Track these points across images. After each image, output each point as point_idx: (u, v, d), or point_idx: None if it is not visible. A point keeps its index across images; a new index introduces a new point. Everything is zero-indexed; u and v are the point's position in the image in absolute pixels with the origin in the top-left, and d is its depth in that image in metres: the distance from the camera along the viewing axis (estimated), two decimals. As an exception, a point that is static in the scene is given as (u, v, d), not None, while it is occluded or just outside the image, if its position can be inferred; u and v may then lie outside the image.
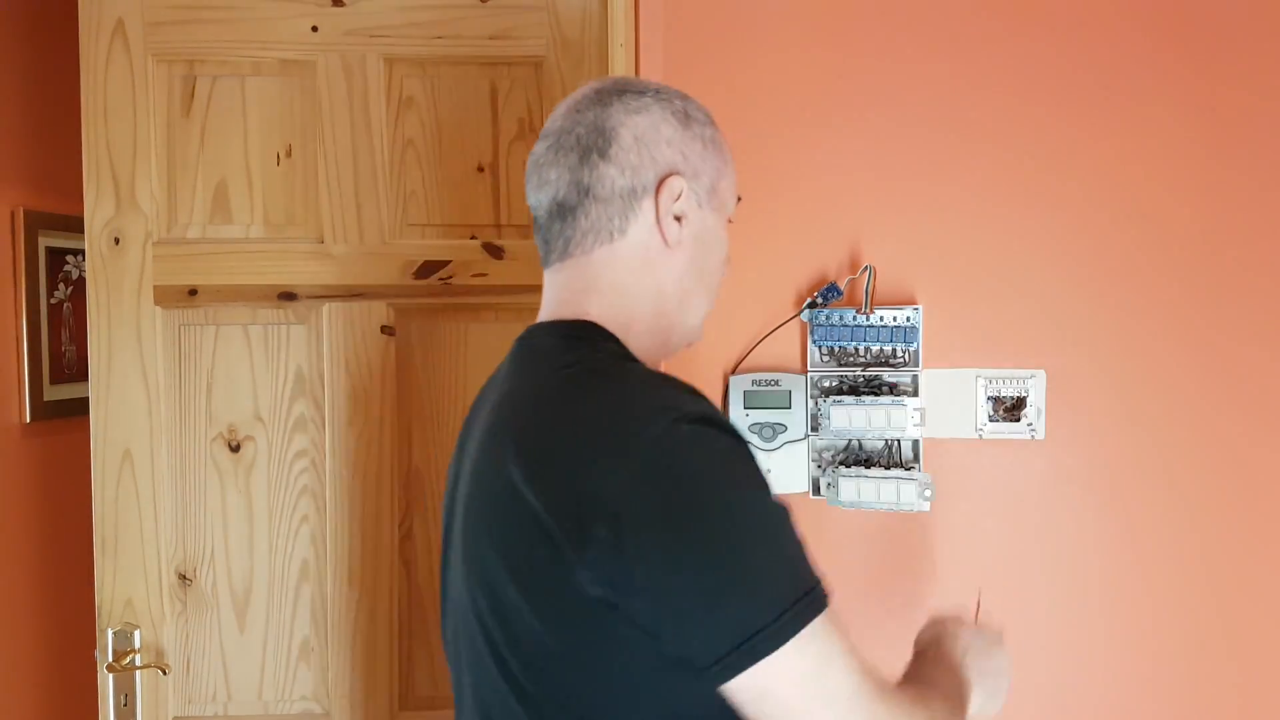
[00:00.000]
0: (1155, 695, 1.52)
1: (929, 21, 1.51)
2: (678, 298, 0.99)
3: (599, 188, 0.95)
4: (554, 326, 0.97)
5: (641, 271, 0.96)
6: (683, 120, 0.98)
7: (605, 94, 0.97)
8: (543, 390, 0.89)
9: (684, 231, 0.96)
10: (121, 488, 1.54)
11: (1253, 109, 1.47)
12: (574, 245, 0.96)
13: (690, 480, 0.81)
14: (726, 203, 1.02)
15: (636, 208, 0.95)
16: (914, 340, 1.49)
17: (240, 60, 1.54)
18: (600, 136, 0.95)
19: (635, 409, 0.83)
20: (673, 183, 0.95)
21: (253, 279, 1.55)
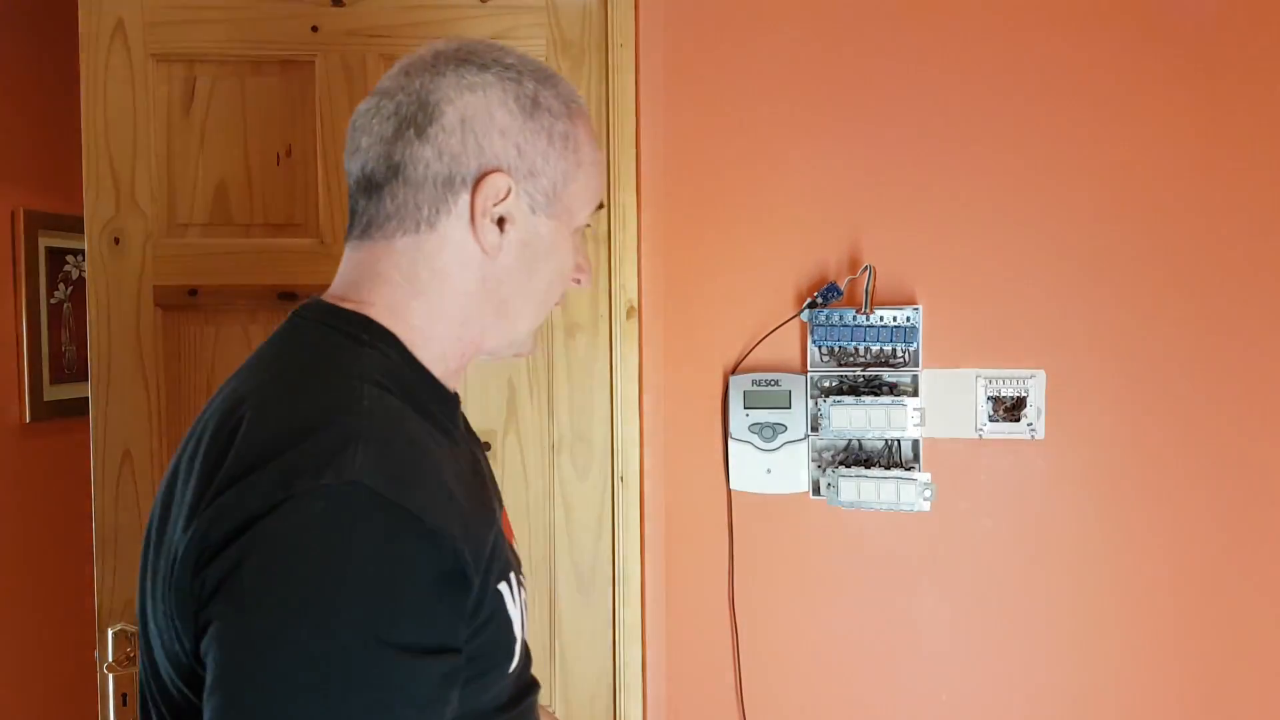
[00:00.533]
0: (1155, 694, 1.52)
1: (929, 22, 1.51)
2: (493, 307, 0.86)
3: (411, 169, 0.82)
4: (328, 311, 0.84)
5: (448, 272, 0.84)
6: (528, 108, 0.83)
7: (443, 60, 0.84)
8: (272, 387, 0.78)
9: (507, 237, 0.84)
10: (121, 488, 1.54)
11: (1253, 109, 1.47)
12: (375, 227, 0.84)
13: (285, 570, 0.66)
14: (575, 210, 0.88)
15: (451, 200, 0.82)
16: (914, 340, 1.49)
17: (240, 60, 1.54)
18: (421, 110, 0.82)
19: (315, 453, 0.69)
20: (494, 180, 0.82)
21: (252, 279, 1.54)
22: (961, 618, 1.54)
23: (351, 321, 0.83)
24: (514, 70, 0.84)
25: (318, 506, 0.67)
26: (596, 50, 1.54)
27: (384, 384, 0.79)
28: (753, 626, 1.56)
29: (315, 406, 0.75)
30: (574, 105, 0.88)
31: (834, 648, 1.56)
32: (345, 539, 0.67)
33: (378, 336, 0.83)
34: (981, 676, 1.55)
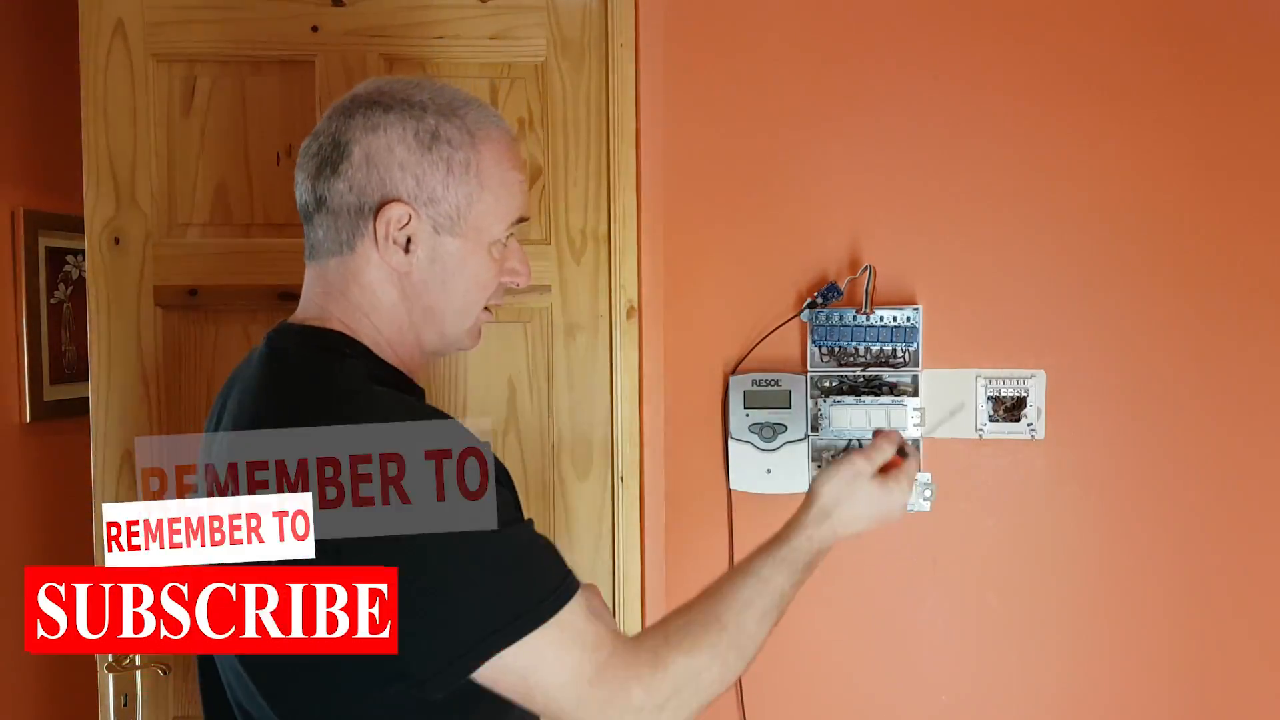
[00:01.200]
0: (1156, 694, 1.52)
1: (929, 22, 1.51)
2: (420, 314, 0.99)
3: (330, 200, 0.96)
4: (302, 332, 0.98)
5: (373, 287, 0.97)
6: (425, 143, 0.95)
7: (355, 104, 0.96)
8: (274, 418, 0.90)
9: (414, 255, 0.96)
10: (121, 488, 1.54)
11: (1252, 110, 1.47)
12: (316, 251, 0.99)
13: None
14: (485, 227, 0.98)
15: (363, 225, 0.95)
16: (914, 340, 1.48)
17: (240, 60, 1.54)
18: (336, 150, 0.95)
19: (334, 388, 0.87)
20: (393, 210, 0.94)
21: (253, 279, 1.54)
22: (961, 617, 1.54)
23: (327, 337, 0.96)
24: (418, 108, 0.95)
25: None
26: (596, 50, 1.54)
27: (375, 383, 0.94)
28: (753, 627, 1.56)
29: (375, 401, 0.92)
30: (481, 132, 0.97)
31: (834, 648, 1.56)
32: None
33: (352, 348, 0.96)
34: (981, 676, 1.55)
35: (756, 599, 0.97)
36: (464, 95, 0.99)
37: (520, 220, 1.02)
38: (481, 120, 0.98)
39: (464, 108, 0.98)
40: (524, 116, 1.56)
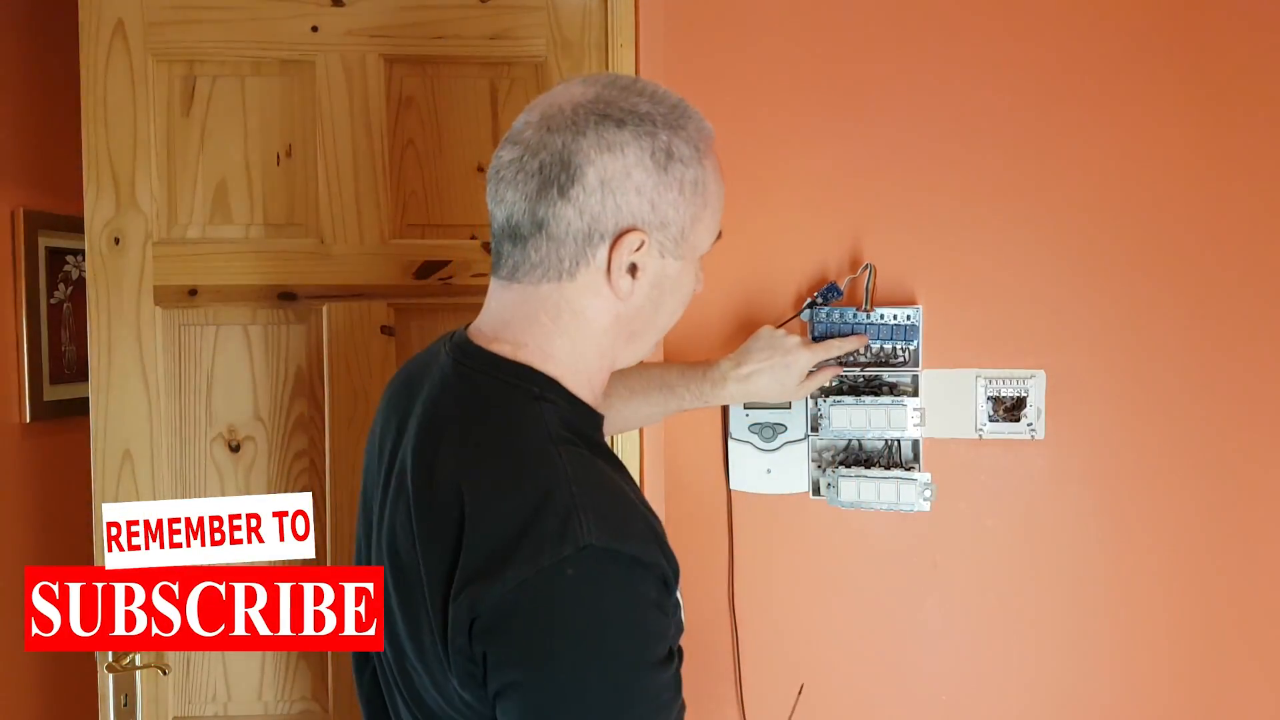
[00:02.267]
0: (1155, 693, 1.52)
1: (930, 21, 1.51)
2: (625, 338, 0.96)
3: (554, 225, 0.88)
4: (497, 366, 0.92)
5: (587, 315, 0.92)
6: (661, 163, 0.89)
7: (582, 116, 0.88)
8: (464, 469, 0.86)
9: (639, 282, 0.91)
10: (121, 488, 1.54)
11: (1252, 110, 1.47)
12: (522, 273, 0.92)
13: (543, 628, 0.80)
14: (699, 245, 0.95)
15: (590, 254, 0.89)
16: (914, 340, 1.48)
17: (240, 60, 1.54)
18: (564, 171, 0.87)
19: (539, 533, 0.80)
20: (631, 239, 0.89)
21: (253, 279, 1.54)
22: (961, 618, 1.54)
23: (520, 375, 0.91)
24: (649, 122, 0.89)
25: (568, 573, 0.79)
26: (596, 50, 1.54)
27: (565, 436, 0.89)
28: (753, 626, 1.56)
29: (531, 489, 0.83)
30: (703, 144, 0.93)
31: (834, 648, 1.56)
32: (597, 593, 0.81)
33: (544, 387, 0.91)
34: (981, 676, 1.55)
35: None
36: (676, 99, 0.93)
37: (720, 236, 0.99)
38: (701, 130, 0.93)
39: (684, 118, 0.92)
40: (524, 116, 1.56)
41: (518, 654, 0.80)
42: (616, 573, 0.81)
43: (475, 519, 0.83)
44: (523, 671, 0.80)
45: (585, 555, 0.79)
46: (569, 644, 0.80)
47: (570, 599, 0.80)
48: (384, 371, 1.55)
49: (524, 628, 0.80)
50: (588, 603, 0.80)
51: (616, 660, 0.81)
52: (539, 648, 0.80)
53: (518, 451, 0.87)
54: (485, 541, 0.82)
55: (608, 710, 0.80)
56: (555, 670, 0.80)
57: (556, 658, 0.80)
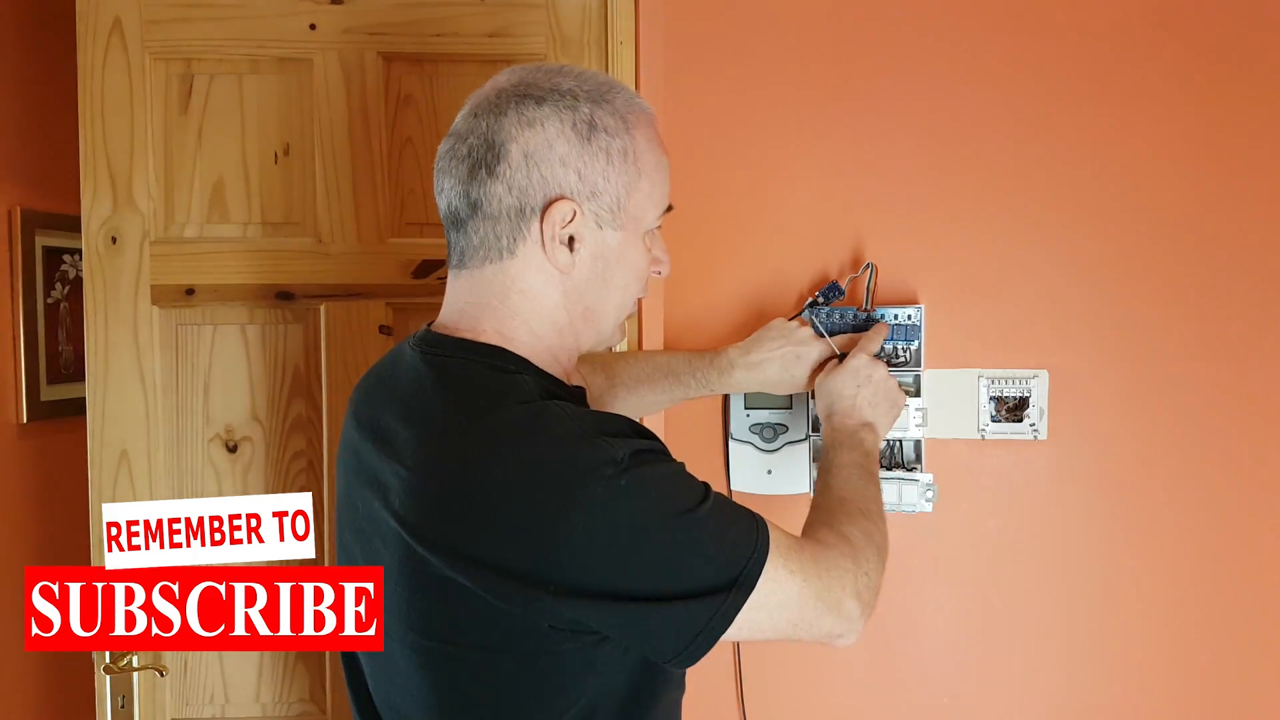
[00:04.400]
0: (1159, 694, 1.51)
1: (931, 20, 1.50)
2: (580, 314, 0.97)
3: (487, 205, 0.92)
4: (463, 348, 0.95)
5: (534, 292, 0.95)
6: (584, 133, 0.92)
7: (504, 99, 0.92)
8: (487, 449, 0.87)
9: (578, 254, 0.94)
10: (119, 488, 1.53)
11: (1255, 110, 1.47)
12: (468, 258, 0.95)
13: (631, 532, 0.86)
14: (641, 216, 0.97)
15: (525, 228, 0.92)
16: (916, 340, 1.48)
17: (238, 59, 1.53)
18: (489, 151, 0.91)
19: (576, 473, 0.85)
20: (560, 207, 0.91)
21: (250, 278, 1.54)
22: (964, 619, 1.54)
23: (491, 353, 0.94)
24: (570, 96, 0.92)
25: (621, 484, 0.85)
26: (596, 48, 1.54)
27: (552, 395, 0.92)
28: (754, 627, 1.56)
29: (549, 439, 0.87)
30: (632, 116, 0.95)
31: (834, 648, 1.55)
32: (651, 484, 0.88)
33: (518, 364, 0.94)
34: (984, 678, 1.54)
35: (849, 475, 1.14)
36: (605, 78, 0.96)
37: (669, 208, 1.00)
38: (630, 104, 0.95)
39: (610, 92, 0.94)
40: (523, 115, 1.55)
41: (627, 563, 0.85)
42: (648, 459, 0.88)
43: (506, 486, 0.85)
44: (636, 572, 0.86)
45: (624, 465, 0.85)
46: (660, 528, 0.86)
47: (635, 501, 0.86)
48: (383, 371, 1.54)
49: (622, 540, 0.85)
50: (650, 495, 0.87)
51: (690, 510, 0.88)
52: (640, 547, 0.86)
53: (518, 415, 0.89)
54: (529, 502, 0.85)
55: (711, 541, 0.89)
56: (661, 551, 0.86)
57: (657, 542, 0.86)
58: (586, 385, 1.34)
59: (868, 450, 1.19)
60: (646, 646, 0.90)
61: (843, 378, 1.27)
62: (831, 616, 0.96)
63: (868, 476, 1.15)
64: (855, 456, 1.17)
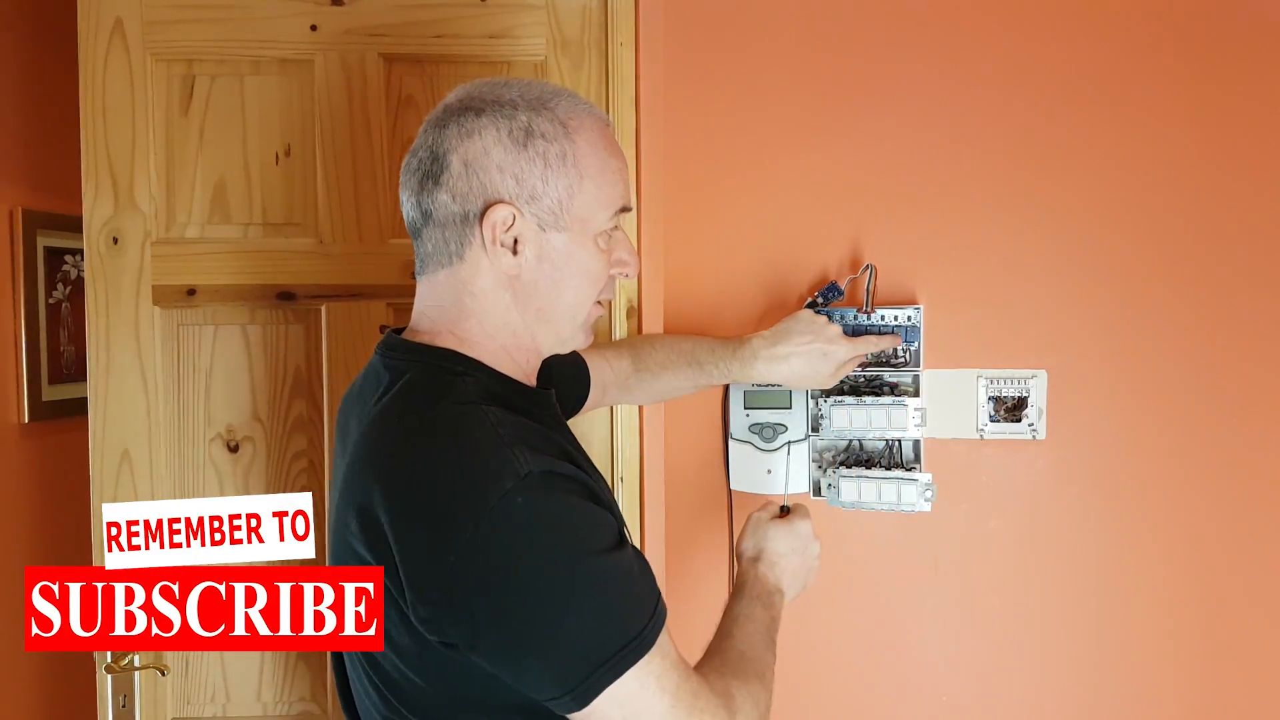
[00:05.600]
0: (1157, 694, 1.51)
1: (930, 22, 1.51)
2: (533, 315, 0.99)
3: (436, 213, 0.96)
4: (417, 352, 0.98)
5: (484, 294, 0.97)
6: (520, 140, 0.94)
7: (448, 113, 0.97)
8: (405, 443, 0.90)
9: (523, 256, 0.96)
10: (120, 488, 1.54)
11: (1252, 112, 1.47)
12: (427, 264, 0.99)
13: (513, 552, 0.84)
14: (589, 218, 0.97)
15: (469, 233, 0.96)
16: (915, 340, 1.48)
17: (239, 60, 1.53)
18: (435, 162, 0.95)
19: (475, 478, 0.85)
20: (497, 210, 0.94)
21: (251, 279, 1.54)
22: (962, 618, 1.54)
23: (440, 356, 0.96)
24: (508, 106, 0.95)
25: (518, 501, 0.84)
26: (596, 49, 1.54)
27: (486, 398, 0.93)
28: (753, 627, 1.56)
29: (461, 440, 0.89)
30: (574, 121, 0.97)
31: (835, 648, 1.56)
32: (546, 508, 0.86)
33: (467, 366, 0.96)
34: (982, 677, 1.54)
35: (755, 632, 1.08)
36: (553, 88, 0.98)
37: (623, 209, 1.01)
38: (573, 110, 0.97)
39: (553, 99, 0.97)
40: (524, 116, 1.55)
41: (496, 584, 0.84)
42: (559, 485, 0.88)
43: (415, 485, 0.87)
44: (503, 597, 0.84)
45: (528, 481, 0.85)
46: (542, 557, 0.85)
47: (525, 522, 0.85)
48: (383, 371, 1.55)
49: (497, 560, 0.84)
50: (544, 520, 0.86)
51: (583, 554, 0.87)
52: (515, 571, 0.84)
53: (444, 415, 0.91)
54: (431, 503, 0.86)
55: (594, 596, 0.86)
56: (536, 583, 0.85)
57: (534, 572, 0.85)
58: (612, 369, 1.37)
59: (775, 616, 1.14)
60: (514, 680, 0.88)
61: (786, 536, 1.23)
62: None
63: (769, 643, 1.09)
64: (765, 618, 1.12)
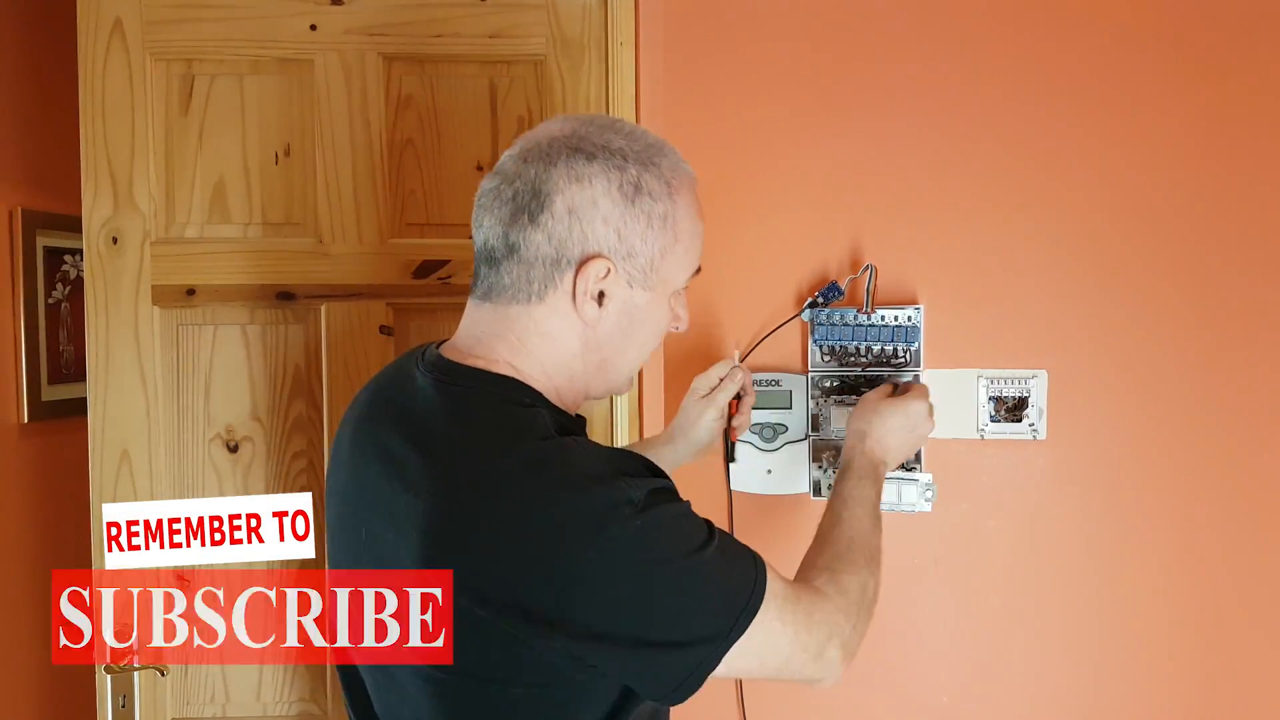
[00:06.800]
0: (1157, 695, 1.51)
1: (930, 21, 1.51)
2: (594, 365, 0.99)
3: (524, 249, 0.94)
4: (479, 378, 0.95)
5: (554, 337, 0.96)
6: (629, 195, 0.94)
7: (555, 149, 0.94)
8: (491, 485, 0.88)
9: (605, 310, 0.96)
10: (120, 488, 1.54)
11: (1253, 110, 1.47)
12: (495, 294, 0.97)
13: (643, 573, 0.88)
14: (670, 279, 0.99)
15: (558, 278, 0.94)
16: (915, 340, 1.48)
17: (238, 59, 1.53)
18: (535, 199, 0.93)
19: (593, 512, 0.86)
20: (595, 265, 0.93)
21: (251, 279, 1.54)
22: (963, 618, 1.54)
23: (507, 385, 0.95)
24: (619, 156, 0.94)
25: (636, 524, 0.87)
26: (596, 49, 1.54)
27: (563, 433, 0.93)
28: (753, 627, 1.56)
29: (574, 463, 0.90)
30: (676, 181, 0.97)
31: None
32: (661, 523, 0.90)
33: (533, 397, 0.95)
34: (983, 678, 1.54)
35: (864, 514, 1.16)
36: (655, 139, 0.98)
37: (698, 271, 1.03)
38: (676, 168, 0.98)
39: (659, 154, 0.97)
40: (523, 115, 1.55)
41: (629, 607, 0.87)
42: (661, 499, 0.90)
43: (526, 525, 0.86)
44: (637, 614, 0.88)
45: (638, 506, 0.87)
46: (666, 569, 0.89)
47: (649, 541, 0.88)
48: (383, 371, 1.55)
49: (623, 586, 0.87)
50: (662, 535, 0.89)
51: (694, 553, 0.90)
52: (644, 589, 0.88)
53: (538, 452, 0.90)
54: (548, 541, 0.86)
55: (712, 585, 0.91)
56: (664, 596, 0.88)
57: (661, 585, 0.88)
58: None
59: (880, 490, 1.22)
60: (636, 684, 0.92)
61: (896, 414, 1.29)
62: (815, 665, 0.99)
63: (877, 520, 1.17)
64: (872, 495, 1.19)
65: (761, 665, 0.94)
